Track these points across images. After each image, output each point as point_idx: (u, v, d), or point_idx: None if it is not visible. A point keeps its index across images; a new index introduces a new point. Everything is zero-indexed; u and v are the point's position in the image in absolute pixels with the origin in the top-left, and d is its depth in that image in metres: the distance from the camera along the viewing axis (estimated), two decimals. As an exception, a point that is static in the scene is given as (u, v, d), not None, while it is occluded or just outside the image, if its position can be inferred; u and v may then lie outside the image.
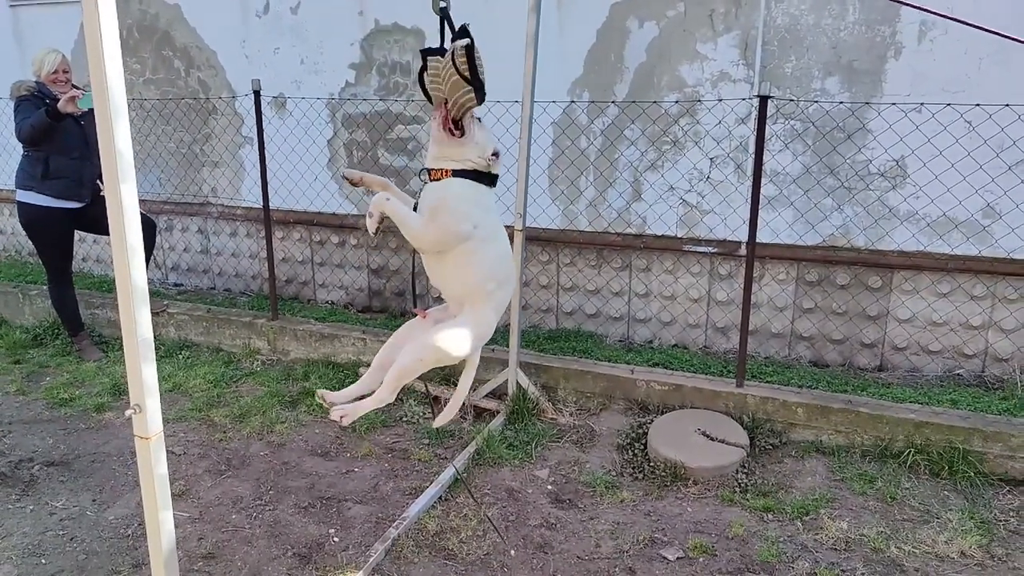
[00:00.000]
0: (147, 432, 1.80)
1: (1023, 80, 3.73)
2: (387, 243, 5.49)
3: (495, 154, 2.62)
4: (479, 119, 2.62)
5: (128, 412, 1.78)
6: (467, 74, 2.40)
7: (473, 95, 2.45)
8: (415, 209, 2.61)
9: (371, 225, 2.56)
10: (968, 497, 3.34)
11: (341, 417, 2.78)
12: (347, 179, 2.77)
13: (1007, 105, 3.66)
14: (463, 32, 2.45)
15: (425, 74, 2.59)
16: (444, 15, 2.58)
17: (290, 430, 4.10)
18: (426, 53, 2.56)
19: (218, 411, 4.30)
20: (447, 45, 2.51)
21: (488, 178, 2.64)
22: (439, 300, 3.08)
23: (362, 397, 2.88)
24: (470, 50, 2.39)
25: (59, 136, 4.55)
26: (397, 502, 3.43)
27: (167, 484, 1.93)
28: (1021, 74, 3.74)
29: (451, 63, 2.42)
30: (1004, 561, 2.93)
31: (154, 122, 6.08)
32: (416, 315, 2.88)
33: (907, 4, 3.56)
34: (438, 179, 2.59)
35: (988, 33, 1.99)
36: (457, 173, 2.57)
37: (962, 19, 2.02)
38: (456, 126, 2.54)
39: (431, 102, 2.73)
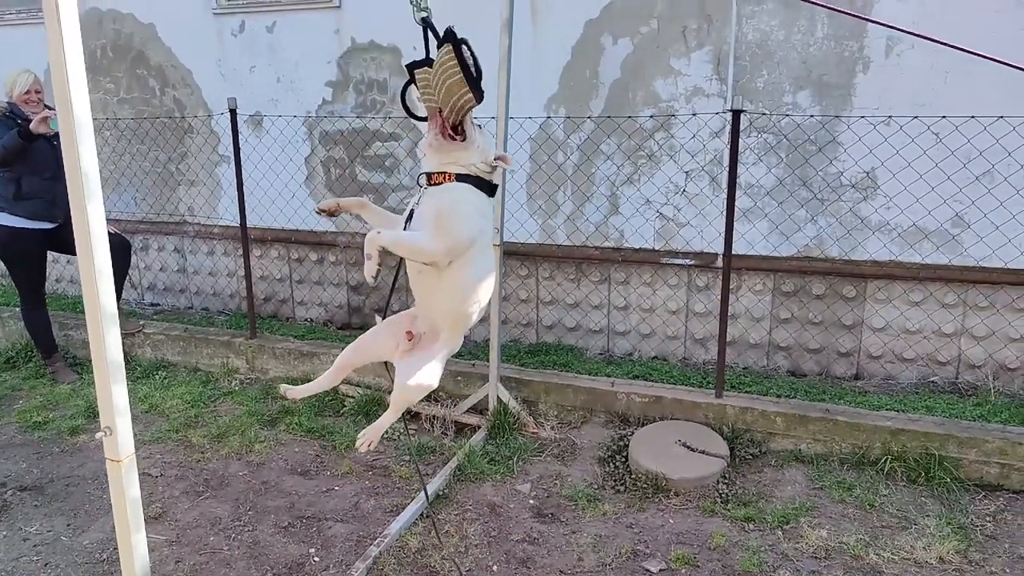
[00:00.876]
0: (118, 455, 1.78)
1: (988, 92, 3.81)
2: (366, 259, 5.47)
3: (499, 157, 2.52)
4: (479, 125, 2.55)
5: (99, 435, 1.76)
6: (464, 74, 2.31)
7: (471, 95, 2.35)
8: (410, 216, 2.49)
9: (371, 269, 2.39)
10: (945, 503, 3.37)
11: (369, 444, 2.76)
12: (324, 212, 2.63)
13: (973, 117, 3.74)
14: (449, 34, 2.35)
15: (415, 87, 2.55)
16: (427, 24, 2.55)
17: (269, 449, 4.06)
18: (413, 66, 2.52)
19: (196, 432, 4.25)
20: (433, 55, 2.48)
21: (488, 187, 2.55)
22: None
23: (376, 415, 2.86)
24: (460, 49, 2.31)
25: (31, 157, 4.51)
26: (378, 520, 3.40)
27: (139, 507, 1.90)
28: (986, 87, 3.82)
29: (444, 66, 2.34)
30: (981, 566, 2.96)
31: (128, 141, 6.04)
32: (379, 320, 2.83)
33: (872, 21, 3.65)
34: (439, 183, 2.47)
35: (952, 48, 2.03)
36: (460, 178, 2.48)
37: (926, 35, 2.07)
38: (456, 131, 2.44)
39: (413, 117, 2.69)
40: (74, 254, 4.95)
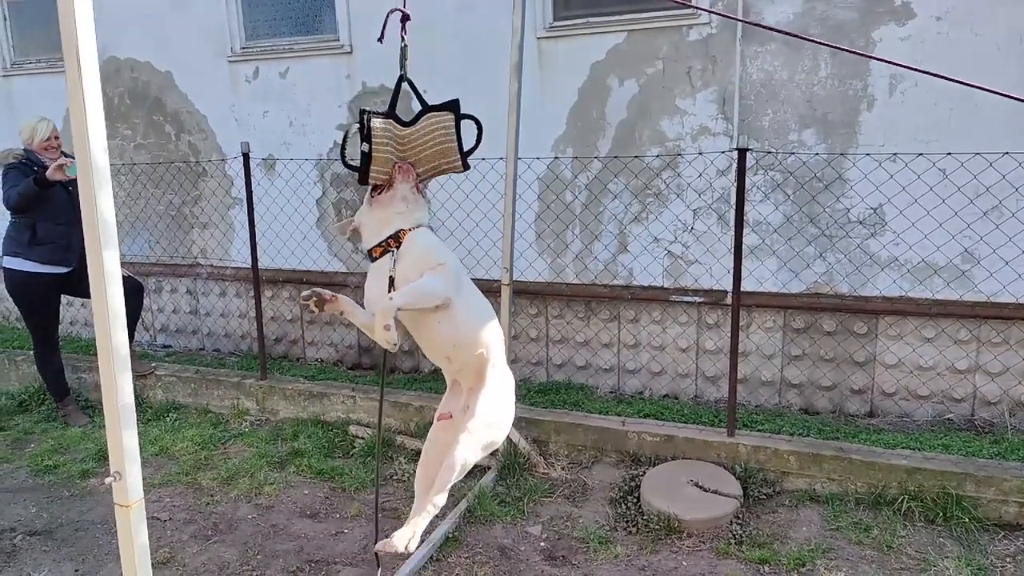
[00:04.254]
0: (127, 500, 1.78)
1: (993, 128, 3.83)
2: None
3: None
4: None
5: (108, 479, 1.76)
6: (458, 143, 2.60)
7: (460, 163, 2.62)
8: (391, 285, 2.54)
9: (392, 337, 2.35)
10: (964, 543, 3.30)
11: (408, 543, 2.55)
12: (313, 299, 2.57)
13: (978, 153, 3.76)
14: (456, 106, 2.61)
15: (371, 134, 2.56)
16: (408, 81, 2.68)
17: (278, 491, 4.04)
18: (374, 114, 2.56)
19: (205, 474, 4.24)
20: (398, 110, 2.62)
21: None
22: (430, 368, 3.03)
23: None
24: (459, 122, 2.58)
25: (47, 203, 4.59)
26: (388, 564, 3.35)
27: (148, 554, 1.90)
28: (990, 123, 3.85)
29: (448, 129, 2.58)
30: (1004, 609, 2.88)
31: (143, 185, 6.15)
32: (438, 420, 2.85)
33: (876, 58, 3.69)
34: (392, 246, 2.57)
35: (956, 83, 2.05)
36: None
37: (930, 71, 2.09)
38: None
39: (347, 166, 2.65)
40: (87, 297, 5.04)
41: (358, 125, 2.56)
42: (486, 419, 2.58)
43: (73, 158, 4.55)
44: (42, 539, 3.67)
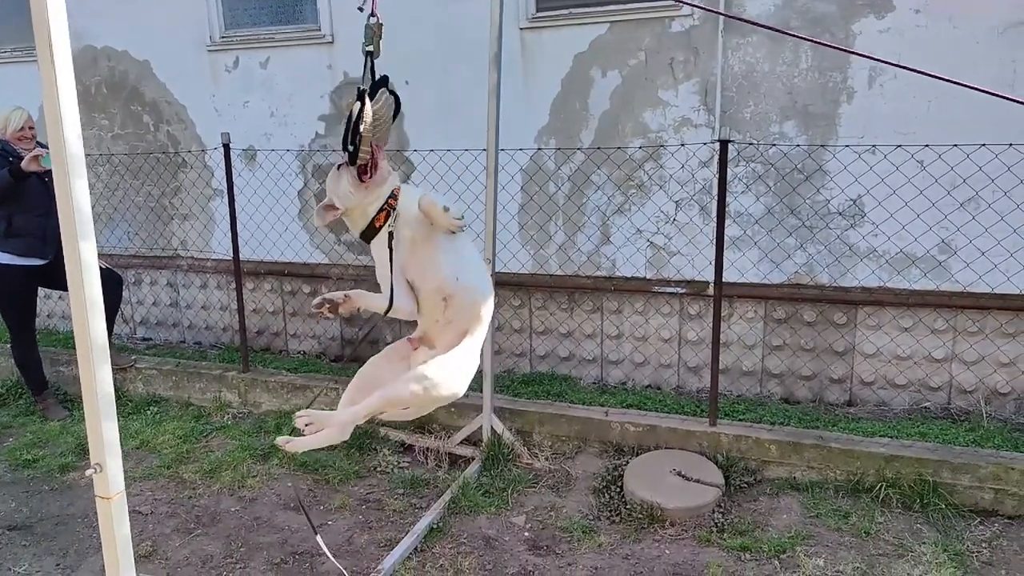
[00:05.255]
0: (108, 492, 1.77)
1: (970, 120, 3.87)
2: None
3: None
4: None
5: (88, 472, 1.75)
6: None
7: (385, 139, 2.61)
8: (391, 242, 2.51)
9: (456, 211, 2.35)
10: (940, 529, 3.36)
11: (305, 425, 2.30)
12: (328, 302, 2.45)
13: (955, 145, 3.80)
14: (386, 81, 2.57)
15: (362, 118, 2.51)
16: (370, 57, 2.63)
17: (261, 484, 4.03)
18: (367, 93, 2.47)
19: (187, 467, 4.21)
20: (365, 87, 2.58)
21: None
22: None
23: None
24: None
25: (23, 194, 4.52)
26: (372, 555, 3.37)
27: (130, 546, 1.88)
28: (968, 115, 3.88)
29: (389, 107, 2.57)
30: (978, 593, 2.94)
31: (122, 176, 6.07)
32: (385, 348, 2.73)
33: (857, 53, 3.72)
34: (394, 204, 2.48)
35: (934, 78, 2.07)
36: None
37: (910, 67, 2.11)
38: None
39: (346, 148, 2.60)
40: (65, 290, 4.97)
41: (359, 104, 2.48)
42: (445, 373, 2.37)
43: (46, 147, 4.49)
44: (22, 534, 3.64)
